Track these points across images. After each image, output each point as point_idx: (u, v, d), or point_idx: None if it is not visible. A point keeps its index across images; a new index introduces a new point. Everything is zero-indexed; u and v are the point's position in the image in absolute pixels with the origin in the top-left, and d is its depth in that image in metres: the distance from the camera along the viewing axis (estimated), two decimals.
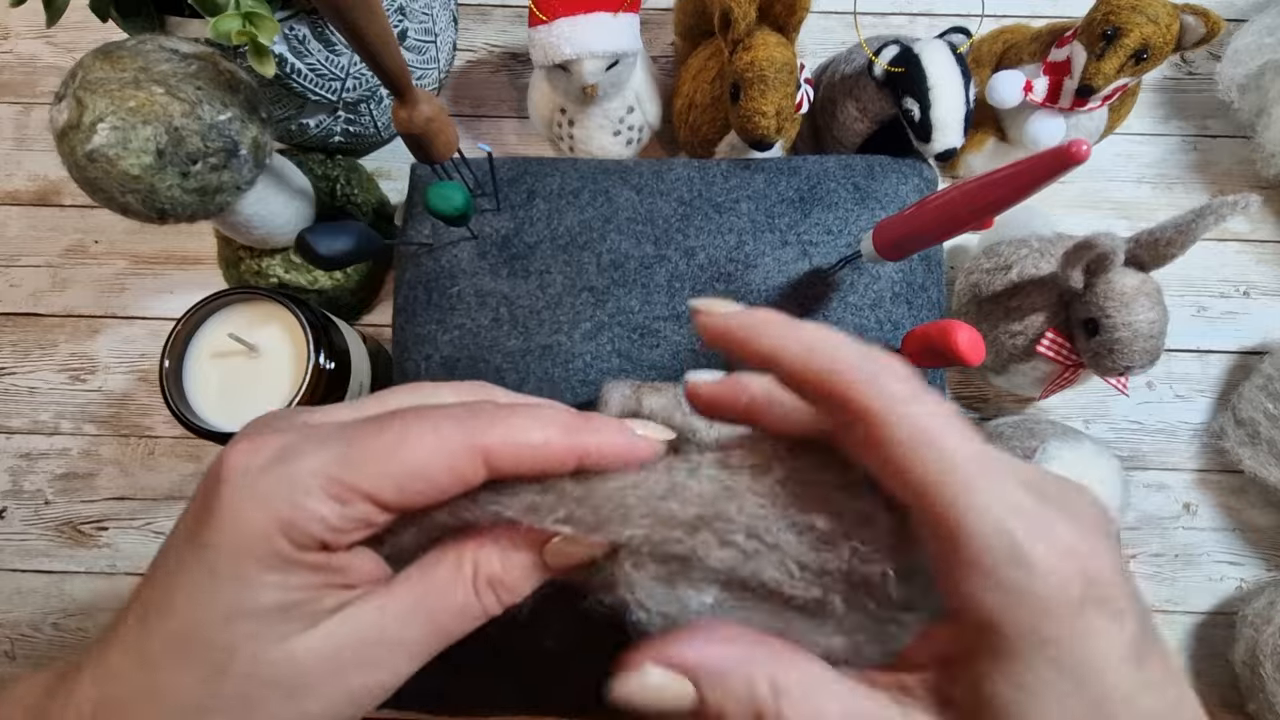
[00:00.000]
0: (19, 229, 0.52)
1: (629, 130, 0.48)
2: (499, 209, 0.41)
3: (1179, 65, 0.56)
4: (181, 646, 0.17)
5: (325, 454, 0.18)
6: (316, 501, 0.17)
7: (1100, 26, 0.40)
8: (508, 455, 0.18)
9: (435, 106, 0.33)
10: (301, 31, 0.39)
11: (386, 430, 0.18)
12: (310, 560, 0.18)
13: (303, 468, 0.17)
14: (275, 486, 0.17)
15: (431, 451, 0.18)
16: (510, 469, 0.19)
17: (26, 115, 0.54)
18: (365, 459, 0.18)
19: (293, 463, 0.17)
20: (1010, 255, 0.44)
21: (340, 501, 0.17)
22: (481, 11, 0.56)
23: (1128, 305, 0.38)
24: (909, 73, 0.40)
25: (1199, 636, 0.48)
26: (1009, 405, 0.51)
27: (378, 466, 0.17)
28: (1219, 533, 0.49)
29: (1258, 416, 0.46)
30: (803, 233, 0.40)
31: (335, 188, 0.48)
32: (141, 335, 0.51)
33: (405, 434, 0.18)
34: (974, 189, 0.26)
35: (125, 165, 0.33)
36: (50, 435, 0.50)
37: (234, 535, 0.17)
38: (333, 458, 0.18)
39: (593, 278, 0.39)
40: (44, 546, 0.48)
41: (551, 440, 0.19)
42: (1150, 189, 0.54)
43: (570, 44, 0.40)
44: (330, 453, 0.18)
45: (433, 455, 0.18)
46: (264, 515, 0.17)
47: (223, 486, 0.18)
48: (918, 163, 0.43)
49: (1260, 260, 0.52)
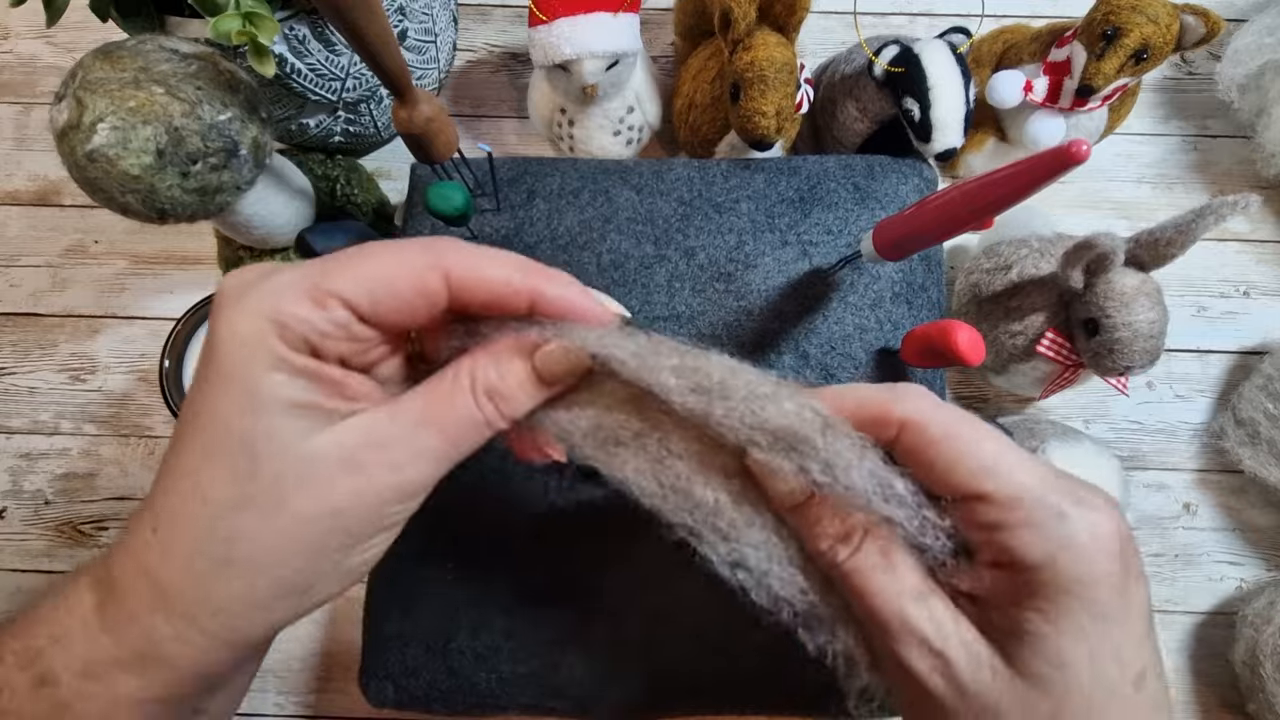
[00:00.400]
0: (19, 229, 0.52)
1: (629, 130, 0.48)
2: (499, 209, 0.41)
3: (1179, 65, 0.56)
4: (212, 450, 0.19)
5: (304, 270, 0.20)
6: (298, 305, 0.19)
7: (1100, 26, 0.40)
8: (467, 279, 0.21)
9: (435, 106, 0.33)
10: (301, 31, 0.39)
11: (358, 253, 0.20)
12: (305, 363, 0.20)
13: (284, 279, 0.20)
14: (262, 297, 0.19)
15: (398, 265, 0.20)
16: (468, 294, 0.21)
17: (26, 115, 0.54)
18: (339, 271, 0.20)
19: (275, 277, 0.20)
20: (1010, 255, 0.44)
21: (319, 305, 0.20)
22: (481, 11, 0.56)
23: (1128, 305, 0.38)
24: (909, 73, 0.40)
25: (1199, 636, 0.48)
26: (1009, 405, 0.51)
27: (350, 275, 0.20)
28: (1219, 533, 0.49)
29: (1258, 416, 0.46)
30: (803, 233, 0.40)
31: (335, 188, 0.48)
32: (141, 335, 0.51)
33: (374, 253, 0.20)
34: (974, 189, 0.26)
35: (125, 165, 0.33)
36: (50, 435, 0.50)
37: (236, 344, 0.19)
38: (311, 271, 0.20)
39: (593, 278, 0.39)
40: (44, 546, 0.48)
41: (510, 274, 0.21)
42: (1150, 189, 0.54)
43: (570, 44, 0.40)
44: (309, 269, 0.20)
45: (399, 268, 0.20)
46: (257, 321, 0.19)
47: (220, 310, 0.20)
48: (918, 163, 0.43)
49: (1260, 260, 0.52)
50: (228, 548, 0.19)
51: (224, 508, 0.19)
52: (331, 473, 0.20)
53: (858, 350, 0.38)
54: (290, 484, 0.19)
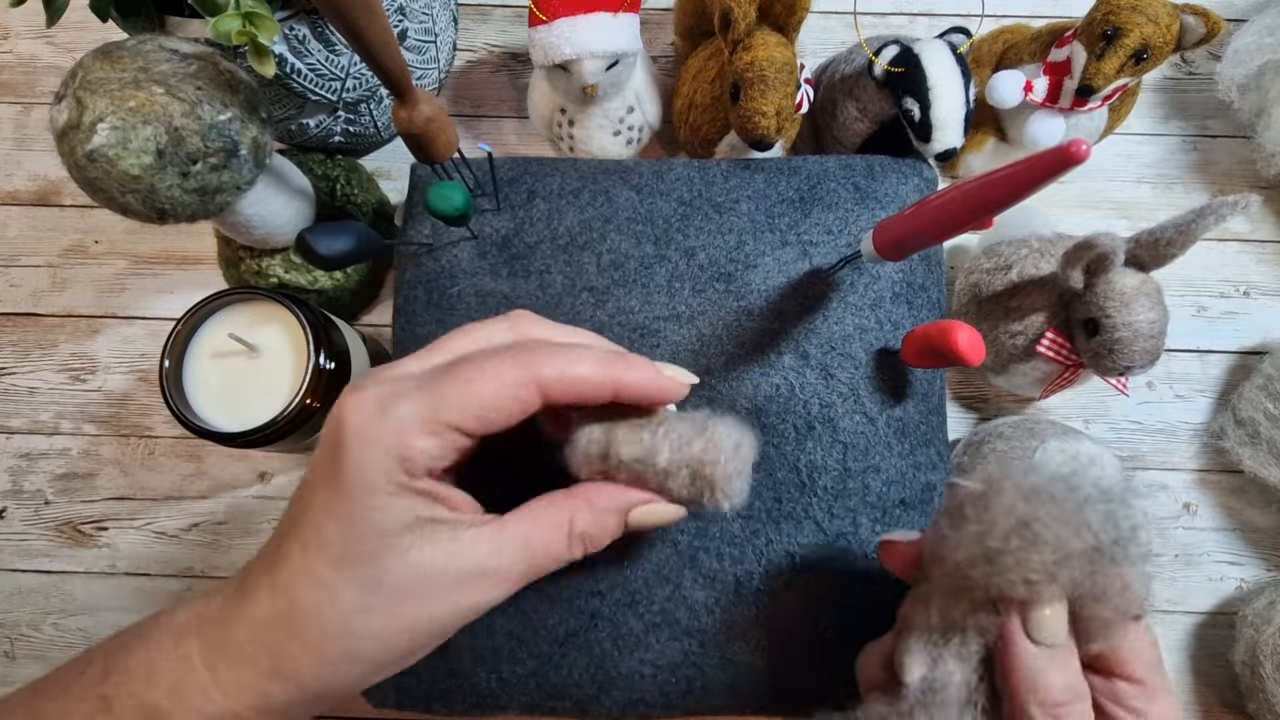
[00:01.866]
0: (19, 229, 0.52)
1: (629, 130, 0.48)
2: (499, 209, 0.41)
3: (1179, 65, 0.56)
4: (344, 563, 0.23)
5: (418, 401, 0.23)
6: (420, 439, 0.23)
7: (1100, 26, 0.40)
8: (556, 386, 0.24)
9: (435, 106, 0.33)
10: (301, 31, 0.39)
11: (460, 376, 0.23)
12: (422, 486, 0.23)
13: (404, 415, 0.23)
14: (386, 432, 0.23)
15: (499, 388, 0.23)
16: (559, 397, 0.24)
17: (26, 115, 0.54)
18: (450, 401, 0.23)
19: (395, 411, 0.23)
20: (1010, 255, 0.44)
21: (436, 435, 0.23)
22: (481, 11, 0.56)
23: (1128, 305, 0.38)
24: (909, 73, 0.40)
25: (1199, 636, 0.48)
26: (1009, 405, 0.51)
27: (460, 404, 0.23)
28: (1219, 533, 0.49)
29: (1258, 416, 0.46)
30: (803, 233, 0.40)
31: (335, 188, 0.48)
32: (141, 335, 0.51)
33: (477, 377, 0.23)
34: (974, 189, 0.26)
35: (125, 165, 0.33)
36: (50, 435, 0.50)
37: (365, 474, 0.23)
38: (425, 403, 0.23)
39: (593, 278, 0.39)
40: (44, 546, 0.48)
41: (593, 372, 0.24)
42: (1150, 189, 0.54)
43: (570, 44, 0.40)
44: (422, 400, 0.23)
45: (500, 390, 0.23)
46: (384, 455, 0.23)
47: (346, 439, 0.23)
48: (918, 163, 0.43)
49: (1260, 260, 0.52)
50: (356, 644, 0.23)
51: (352, 611, 0.23)
52: (443, 590, 0.23)
53: (858, 350, 0.38)
54: (408, 598, 0.23)
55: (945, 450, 0.40)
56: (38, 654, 0.47)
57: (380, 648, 0.23)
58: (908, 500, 0.38)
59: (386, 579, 0.22)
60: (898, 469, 0.38)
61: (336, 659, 0.23)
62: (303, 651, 0.23)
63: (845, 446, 0.37)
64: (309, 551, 0.23)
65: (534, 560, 0.25)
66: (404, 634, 0.23)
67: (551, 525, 0.25)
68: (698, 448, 0.26)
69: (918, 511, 0.38)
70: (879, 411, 0.38)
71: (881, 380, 0.38)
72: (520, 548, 0.24)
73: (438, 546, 0.23)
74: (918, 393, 0.39)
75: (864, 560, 0.37)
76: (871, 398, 0.38)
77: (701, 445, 0.26)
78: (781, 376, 0.38)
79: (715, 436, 0.26)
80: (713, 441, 0.26)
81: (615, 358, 0.25)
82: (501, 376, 0.23)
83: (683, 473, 0.26)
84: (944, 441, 0.40)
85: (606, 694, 0.36)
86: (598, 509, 0.25)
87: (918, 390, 0.39)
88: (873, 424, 0.38)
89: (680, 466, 0.26)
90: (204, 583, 0.48)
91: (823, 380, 0.38)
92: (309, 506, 0.23)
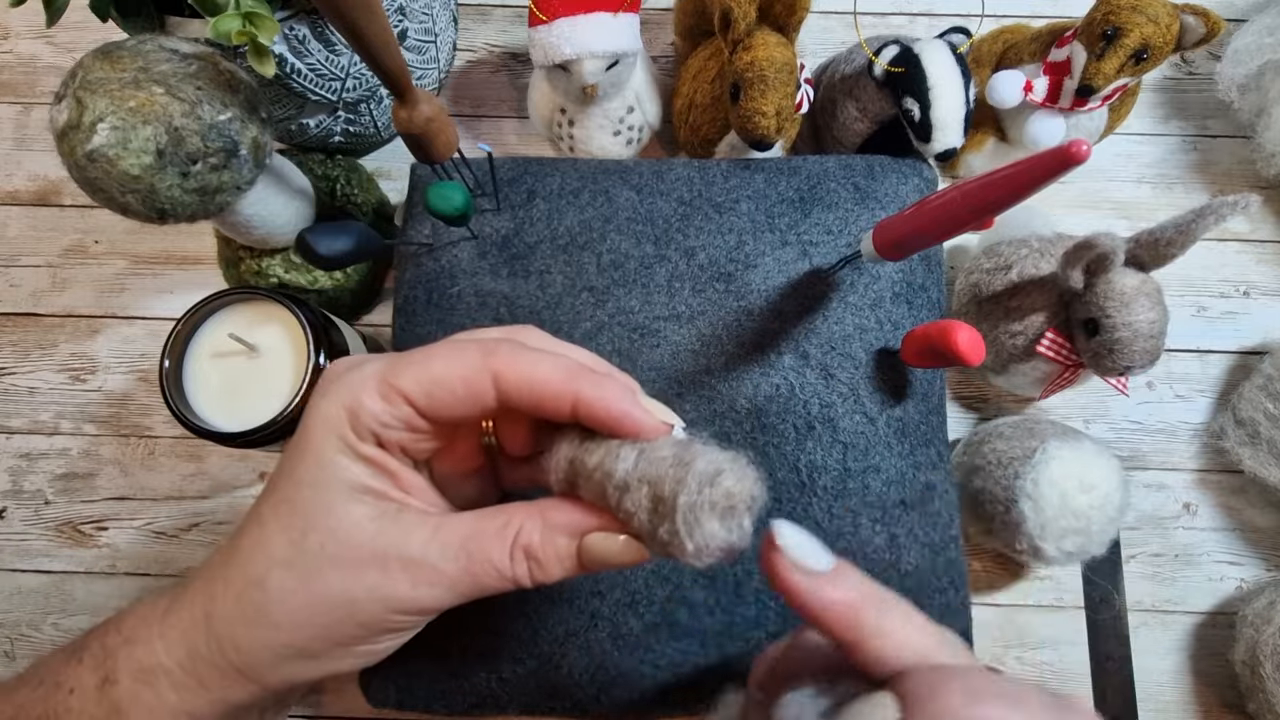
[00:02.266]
0: (19, 229, 0.52)
1: (629, 130, 0.48)
2: (499, 209, 0.41)
3: (1179, 65, 0.56)
4: (280, 510, 0.22)
5: (380, 363, 0.23)
6: (370, 397, 0.22)
7: (1100, 26, 0.40)
8: (511, 382, 0.22)
9: (435, 106, 0.33)
10: (301, 31, 0.39)
11: (424, 351, 0.23)
12: (368, 452, 0.22)
13: (365, 371, 0.23)
14: (345, 385, 0.23)
15: (453, 365, 0.22)
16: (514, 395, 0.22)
17: (26, 115, 0.54)
18: (405, 368, 0.22)
19: (362, 368, 0.23)
20: (1010, 255, 0.44)
21: (386, 399, 0.22)
22: (481, 11, 0.56)
23: (1128, 305, 0.38)
24: (909, 73, 0.40)
25: (1199, 636, 0.48)
26: (1009, 405, 0.51)
27: (412, 373, 0.22)
28: (1219, 533, 0.49)
29: (1258, 416, 0.46)
30: (803, 233, 0.40)
31: (335, 188, 0.48)
32: (141, 335, 0.51)
33: (435, 352, 0.23)
34: (974, 189, 0.26)
35: (125, 165, 0.33)
36: (50, 435, 0.50)
37: (320, 424, 0.22)
38: (384, 366, 0.23)
39: (593, 278, 0.39)
40: (44, 546, 0.48)
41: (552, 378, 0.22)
42: (1150, 189, 0.54)
43: (570, 44, 0.40)
44: (383, 363, 0.23)
45: (452, 368, 0.22)
46: (336, 408, 0.22)
47: (317, 391, 0.23)
48: (918, 163, 0.43)
49: (1260, 260, 0.52)
50: (265, 598, 0.22)
51: (275, 562, 0.22)
52: (362, 562, 0.22)
53: (858, 350, 0.38)
54: (327, 559, 0.22)
55: (945, 450, 0.40)
56: (38, 654, 0.47)
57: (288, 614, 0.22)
58: (907, 500, 0.38)
59: (310, 535, 0.22)
60: (898, 469, 0.38)
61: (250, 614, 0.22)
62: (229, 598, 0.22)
63: (845, 446, 0.37)
64: (264, 495, 0.23)
65: (471, 564, 0.22)
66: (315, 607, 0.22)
67: (495, 531, 0.22)
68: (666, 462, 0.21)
69: (917, 511, 0.38)
70: (879, 411, 0.38)
71: (881, 380, 0.38)
72: (456, 545, 0.22)
73: (369, 518, 0.22)
74: (918, 393, 0.39)
75: (863, 561, 0.37)
76: (871, 398, 0.38)
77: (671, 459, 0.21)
78: (781, 376, 0.38)
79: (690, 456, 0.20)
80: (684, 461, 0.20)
81: (584, 370, 0.22)
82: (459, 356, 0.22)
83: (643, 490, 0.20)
84: (944, 441, 0.40)
85: (606, 694, 0.36)
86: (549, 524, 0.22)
87: (918, 390, 0.39)
88: (873, 424, 0.38)
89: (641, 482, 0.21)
90: None
91: (823, 380, 0.38)
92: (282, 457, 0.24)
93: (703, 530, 0.20)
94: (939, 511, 0.38)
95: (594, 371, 0.23)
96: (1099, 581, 0.48)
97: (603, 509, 0.22)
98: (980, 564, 0.48)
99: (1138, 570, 0.48)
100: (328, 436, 0.22)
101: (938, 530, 0.38)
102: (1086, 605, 0.48)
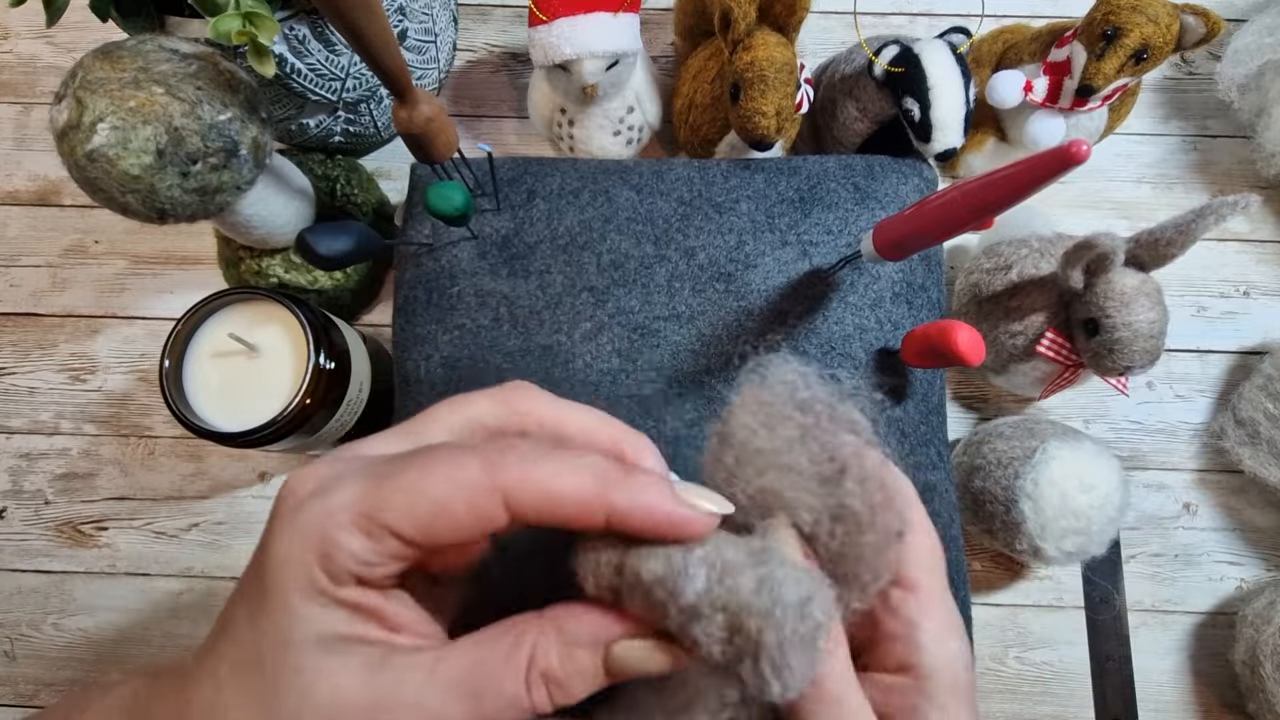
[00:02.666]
0: (19, 229, 0.52)
1: (629, 130, 0.48)
2: (499, 209, 0.41)
3: (1179, 65, 0.56)
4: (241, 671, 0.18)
5: (357, 488, 0.18)
6: (348, 536, 0.18)
7: (1100, 26, 0.40)
8: (527, 501, 0.18)
9: (435, 106, 0.33)
10: (301, 31, 0.39)
11: (412, 467, 0.18)
12: (346, 596, 0.18)
13: (337, 501, 0.18)
14: (313, 519, 0.18)
15: (453, 491, 0.18)
16: (532, 514, 0.18)
17: (26, 115, 0.54)
18: (391, 495, 0.18)
19: (330, 496, 0.18)
20: (1010, 255, 0.44)
21: (369, 536, 0.18)
22: (481, 11, 0.56)
23: (1128, 305, 0.38)
24: (909, 73, 0.40)
25: (1199, 636, 0.48)
26: (1009, 405, 0.51)
27: (404, 504, 0.18)
28: (1219, 533, 0.49)
29: (1258, 416, 0.46)
30: (803, 233, 0.40)
31: (335, 188, 0.48)
32: (141, 335, 0.51)
33: (429, 471, 0.18)
34: (974, 189, 0.26)
35: (125, 165, 0.33)
36: (50, 435, 0.50)
37: (280, 566, 0.18)
38: (363, 493, 0.18)
39: (593, 278, 0.39)
40: (44, 546, 0.48)
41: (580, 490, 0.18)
42: (1150, 189, 0.54)
43: (570, 44, 0.40)
44: (362, 487, 0.18)
45: (454, 494, 0.18)
46: (303, 548, 0.18)
47: (274, 517, 0.19)
48: (918, 163, 0.43)
49: (1260, 260, 0.52)
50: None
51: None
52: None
53: (858, 350, 0.38)
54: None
55: (945, 450, 0.40)
56: (38, 654, 0.47)
57: None
58: None
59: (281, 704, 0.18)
60: None
61: None
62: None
63: None
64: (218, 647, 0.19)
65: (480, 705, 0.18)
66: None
67: (503, 659, 0.19)
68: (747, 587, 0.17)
69: None
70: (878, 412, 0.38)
71: (881, 380, 0.38)
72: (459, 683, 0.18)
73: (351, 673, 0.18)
74: (918, 393, 0.39)
75: None
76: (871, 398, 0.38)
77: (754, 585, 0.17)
78: None
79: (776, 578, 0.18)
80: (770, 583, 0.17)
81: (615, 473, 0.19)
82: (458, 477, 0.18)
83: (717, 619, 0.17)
84: (944, 441, 0.40)
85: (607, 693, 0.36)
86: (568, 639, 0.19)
87: (918, 390, 0.39)
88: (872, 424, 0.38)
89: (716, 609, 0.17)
90: (204, 583, 0.48)
91: None
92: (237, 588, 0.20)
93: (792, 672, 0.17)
94: (939, 511, 0.38)
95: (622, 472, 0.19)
96: (1099, 581, 0.48)
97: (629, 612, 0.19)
98: (980, 564, 0.48)
99: (1138, 570, 0.48)
100: (293, 582, 0.18)
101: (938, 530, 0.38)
102: (1086, 605, 0.48)
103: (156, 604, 0.48)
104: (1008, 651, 0.47)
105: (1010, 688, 0.47)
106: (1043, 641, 0.47)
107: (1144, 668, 0.47)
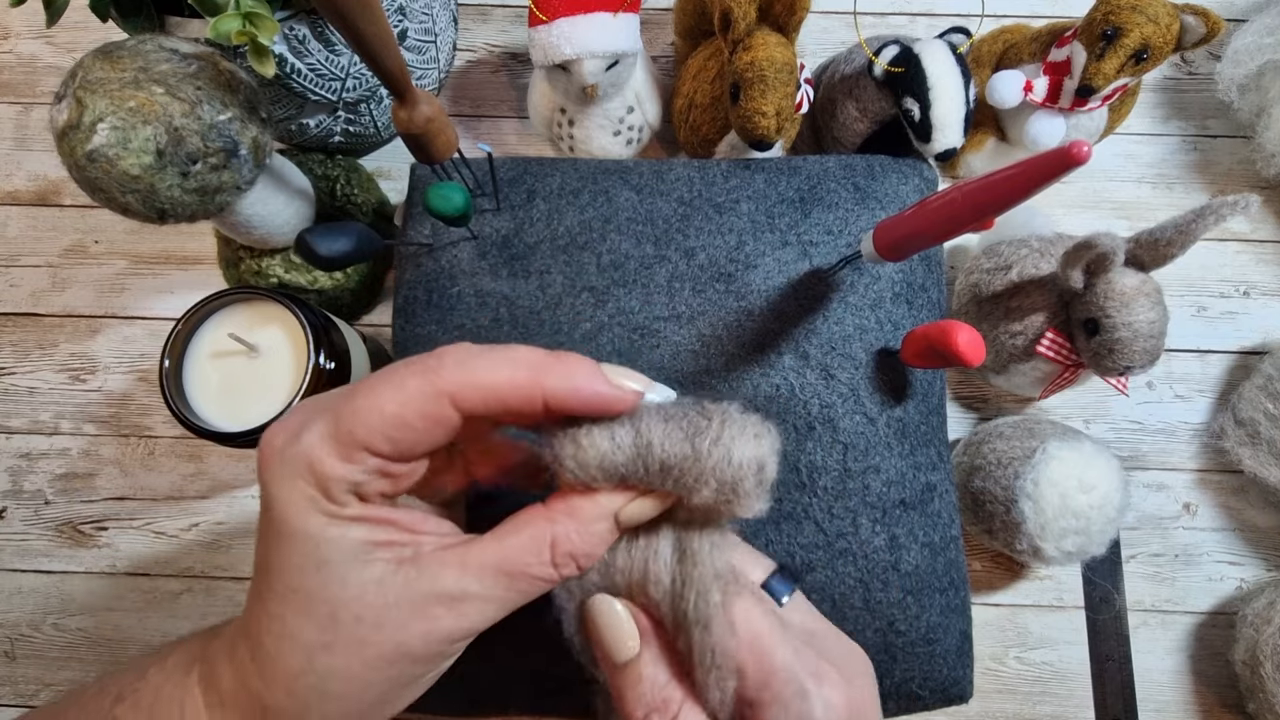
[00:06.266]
0: (19, 229, 0.52)
1: (629, 130, 0.48)
2: (499, 209, 0.41)
3: (1179, 65, 0.56)
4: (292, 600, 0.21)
5: (323, 424, 0.21)
6: (331, 462, 0.20)
7: (1100, 26, 0.40)
8: (469, 394, 0.21)
9: (435, 106, 0.33)
10: (301, 31, 0.39)
11: (359, 394, 0.21)
12: (356, 512, 0.21)
13: (310, 438, 0.21)
14: (298, 457, 0.21)
15: (403, 399, 0.21)
16: (479, 408, 0.21)
17: (26, 115, 0.54)
18: (353, 418, 0.21)
19: (302, 436, 0.21)
20: (1010, 255, 0.44)
21: (349, 460, 0.21)
22: (481, 11, 0.56)
23: (1128, 305, 0.38)
24: (909, 73, 0.40)
25: (1199, 636, 0.48)
26: (1009, 405, 0.51)
27: (364, 422, 0.20)
28: (1219, 533, 0.49)
29: (1258, 416, 0.46)
30: (803, 233, 0.40)
31: (335, 188, 0.48)
32: (141, 335, 0.51)
33: (377, 392, 0.21)
34: (974, 189, 0.26)
35: (125, 165, 0.33)
36: (50, 435, 0.50)
37: (288, 505, 0.21)
38: (328, 425, 0.21)
39: (593, 278, 0.39)
40: (44, 546, 0.48)
41: (515, 379, 0.21)
42: (1150, 189, 0.54)
43: (570, 44, 0.40)
44: (325, 421, 0.21)
45: (404, 402, 0.21)
46: (300, 485, 0.21)
47: (264, 470, 0.21)
48: (918, 163, 0.43)
49: (1260, 260, 0.52)
50: (322, 681, 0.21)
51: (314, 649, 0.21)
52: (404, 619, 0.21)
53: (858, 350, 0.38)
54: (369, 629, 0.21)
55: (945, 450, 0.40)
56: (38, 654, 0.47)
57: (350, 685, 0.21)
58: (907, 500, 0.38)
59: (340, 612, 0.21)
60: (898, 469, 0.38)
61: (309, 700, 0.21)
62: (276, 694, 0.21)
63: (845, 447, 0.37)
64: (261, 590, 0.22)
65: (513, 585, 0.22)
66: (376, 667, 0.21)
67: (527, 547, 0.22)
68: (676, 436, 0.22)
69: (917, 512, 0.38)
70: (879, 412, 0.38)
71: (881, 380, 0.38)
72: (492, 570, 0.22)
73: (390, 573, 0.21)
74: (918, 393, 0.39)
75: (863, 561, 0.37)
76: (871, 398, 0.38)
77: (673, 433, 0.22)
78: (781, 377, 0.38)
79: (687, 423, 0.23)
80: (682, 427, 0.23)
81: (546, 359, 0.22)
82: (405, 387, 0.21)
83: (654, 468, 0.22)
84: (944, 442, 0.40)
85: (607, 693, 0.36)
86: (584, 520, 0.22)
87: (918, 390, 0.39)
88: (873, 424, 0.38)
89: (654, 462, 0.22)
90: (204, 583, 0.48)
91: (823, 380, 0.38)
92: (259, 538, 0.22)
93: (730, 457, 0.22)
94: (939, 511, 0.38)
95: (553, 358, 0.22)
96: (1099, 581, 0.48)
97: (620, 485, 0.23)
98: (980, 564, 0.48)
99: (1138, 570, 0.48)
100: (305, 514, 0.21)
101: (938, 530, 0.38)
102: (1086, 605, 0.48)
103: (156, 604, 0.48)
104: (1008, 651, 0.47)
105: (1010, 688, 0.47)
106: (1043, 641, 0.47)
107: (1144, 668, 0.47)
